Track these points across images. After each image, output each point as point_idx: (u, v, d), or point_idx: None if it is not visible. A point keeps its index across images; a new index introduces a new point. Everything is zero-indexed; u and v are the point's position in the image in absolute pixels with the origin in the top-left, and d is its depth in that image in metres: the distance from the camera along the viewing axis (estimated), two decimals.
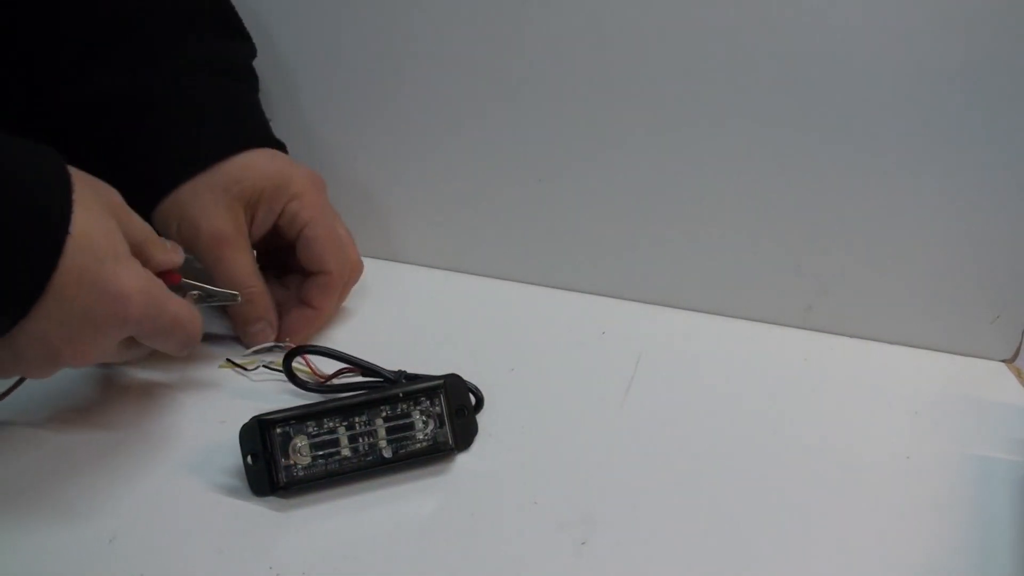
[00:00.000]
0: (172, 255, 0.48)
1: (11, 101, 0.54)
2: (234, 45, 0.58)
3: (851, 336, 0.63)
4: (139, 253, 0.45)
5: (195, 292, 0.50)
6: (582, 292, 0.66)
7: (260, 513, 0.44)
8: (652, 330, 0.62)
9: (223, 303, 0.52)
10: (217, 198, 0.52)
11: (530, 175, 0.64)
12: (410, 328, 0.60)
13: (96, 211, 0.41)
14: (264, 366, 0.53)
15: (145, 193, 0.51)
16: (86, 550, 0.41)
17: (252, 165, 0.54)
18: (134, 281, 0.42)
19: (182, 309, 0.46)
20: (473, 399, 0.50)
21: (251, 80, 0.59)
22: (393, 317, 0.61)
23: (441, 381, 0.47)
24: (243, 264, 0.53)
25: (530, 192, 0.64)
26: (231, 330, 0.56)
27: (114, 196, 0.44)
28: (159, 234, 0.49)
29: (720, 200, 0.61)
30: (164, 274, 0.48)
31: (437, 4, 0.60)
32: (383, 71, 0.63)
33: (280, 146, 0.57)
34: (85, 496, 0.44)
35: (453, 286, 0.66)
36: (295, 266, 0.56)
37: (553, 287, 0.66)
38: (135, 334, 0.43)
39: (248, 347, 0.54)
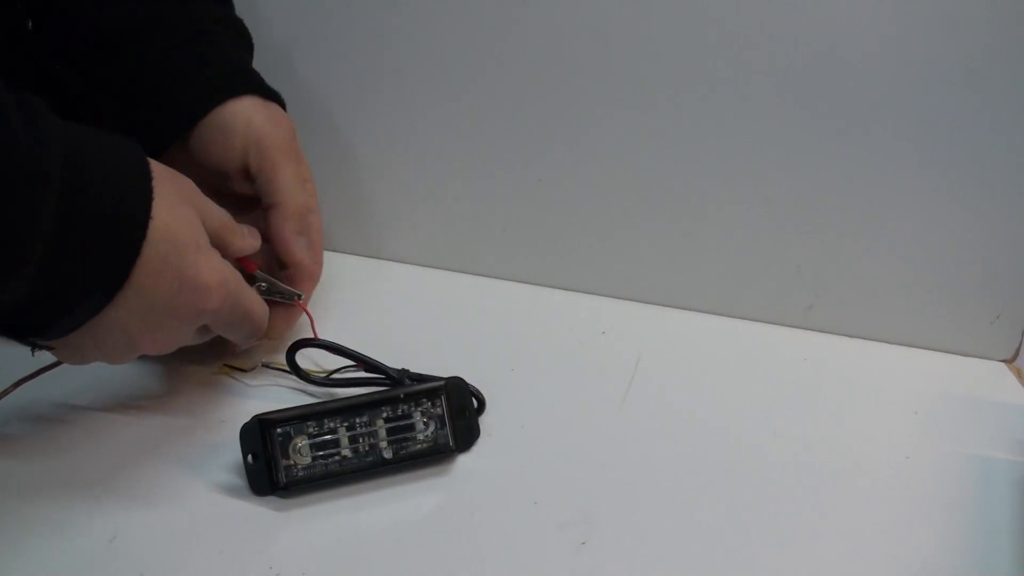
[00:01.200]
0: (250, 240, 0.49)
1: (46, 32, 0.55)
2: (243, 23, 0.59)
3: (851, 336, 0.63)
4: (217, 240, 0.45)
5: (263, 284, 0.51)
6: (582, 292, 0.66)
7: (260, 513, 0.44)
8: (652, 330, 0.62)
9: (283, 300, 0.52)
10: (283, 115, 0.54)
11: (530, 175, 0.64)
12: (410, 328, 0.60)
13: (176, 201, 0.42)
14: (263, 364, 0.53)
15: (216, 90, 0.52)
16: (86, 550, 0.41)
17: (288, 119, 0.56)
18: (215, 274, 0.43)
19: (255, 302, 0.47)
20: (475, 402, 0.50)
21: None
22: (393, 317, 0.61)
23: (443, 383, 0.47)
24: (307, 169, 0.54)
25: (530, 192, 0.64)
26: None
27: (191, 185, 0.45)
28: (216, 135, 0.51)
29: (720, 200, 0.61)
30: (242, 260, 0.49)
31: (434, 2, 0.60)
32: (382, 71, 0.63)
33: None
34: (85, 496, 0.44)
35: (453, 286, 0.66)
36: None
37: (553, 287, 0.66)
38: (209, 323, 0.45)
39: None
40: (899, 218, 0.59)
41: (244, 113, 0.52)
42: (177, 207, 0.42)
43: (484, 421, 0.50)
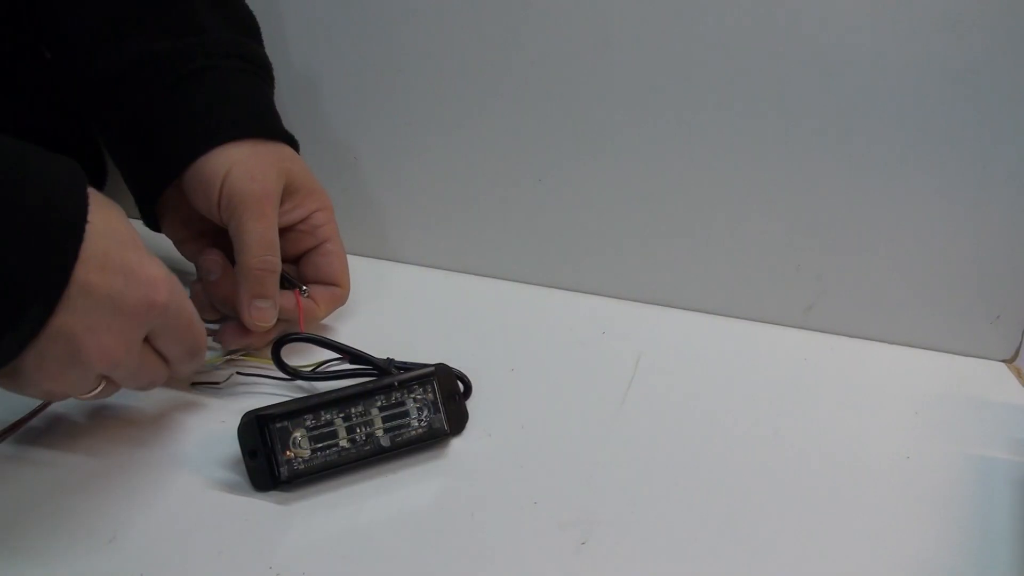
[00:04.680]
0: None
1: (48, 62, 0.55)
2: (262, 50, 0.58)
3: (851, 336, 0.63)
4: None
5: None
6: (582, 292, 0.66)
7: (259, 510, 0.44)
8: (652, 330, 0.62)
9: (290, 287, 0.54)
10: (271, 163, 0.52)
11: (529, 175, 0.64)
12: (409, 328, 0.60)
13: (112, 209, 0.41)
14: (238, 372, 0.52)
15: (199, 140, 0.51)
16: (86, 550, 0.41)
17: (297, 158, 0.55)
18: (160, 268, 0.41)
19: (197, 313, 0.45)
20: (462, 386, 0.51)
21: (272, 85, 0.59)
22: (392, 317, 0.61)
23: (433, 369, 0.48)
24: (275, 227, 0.52)
25: (530, 192, 0.64)
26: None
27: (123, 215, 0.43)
28: (198, 186, 0.51)
29: (720, 200, 0.61)
30: None
31: (434, 3, 0.60)
32: (382, 71, 0.63)
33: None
34: (85, 496, 0.44)
35: (453, 286, 0.66)
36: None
37: (553, 287, 0.66)
38: (157, 327, 0.42)
39: (250, 326, 0.52)
40: (899, 218, 0.59)
41: (224, 165, 0.51)
42: (114, 211, 0.41)
43: (485, 421, 0.50)
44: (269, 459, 0.44)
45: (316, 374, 0.52)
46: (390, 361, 0.51)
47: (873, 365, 0.60)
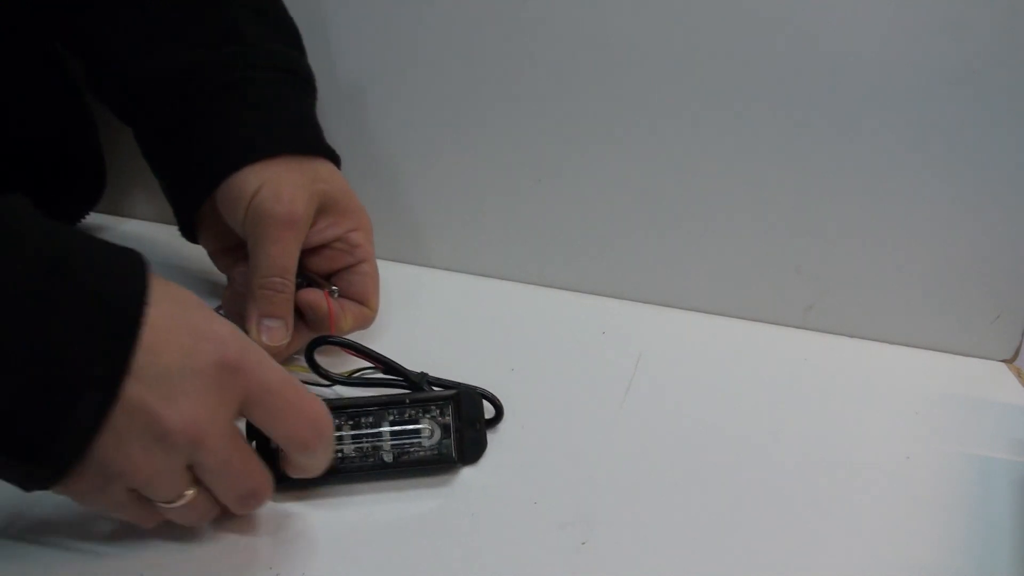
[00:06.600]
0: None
1: (90, 71, 0.55)
2: (304, 60, 0.58)
3: (851, 336, 0.63)
4: None
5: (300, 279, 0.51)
6: (582, 292, 0.66)
7: (259, 510, 0.43)
8: (652, 330, 0.62)
9: (317, 286, 0.53)
10: (304, 183, 0.51)
11: (529, 175, 0.64)
12: (409, 328, 0.60)
13: (172, 284, 0.38)
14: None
15: (235, 155, 0.50)
16: (86, 550, 0.41)
17: (335, 176, 0.54)
18: (227, 326, 0.38)
19: (295, 380, 0.40)
20: (493, 410, 0.50)
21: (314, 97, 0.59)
22: (392, 317, 0.61)
23: (455, 392, 0.46)
24: (293, 254, 0.51)
25: (530, 192, 0.64)
26: None
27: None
28: (228, 203, 0.50)
29: (720, 200, 0.61)
30: None
31: (437, 5, 0.61)
32: (382, 72, 0.63)
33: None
34: None
35: (452, 286, 0.66)
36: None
37: (553, 287, 0.66)
38: (243, 401, 0.38)
39: (259, 344, 0.50)
40: (899, 218, 0.59)
41: (255, 183, 0.50)
42: (174, 285, 0.38)
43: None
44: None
45: (349, 380, 0.51)
46: (423, 375, 0.50)
47: (873, 365, 0.60)
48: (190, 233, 0.56)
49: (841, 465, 0.50)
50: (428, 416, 0.46)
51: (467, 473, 0.47)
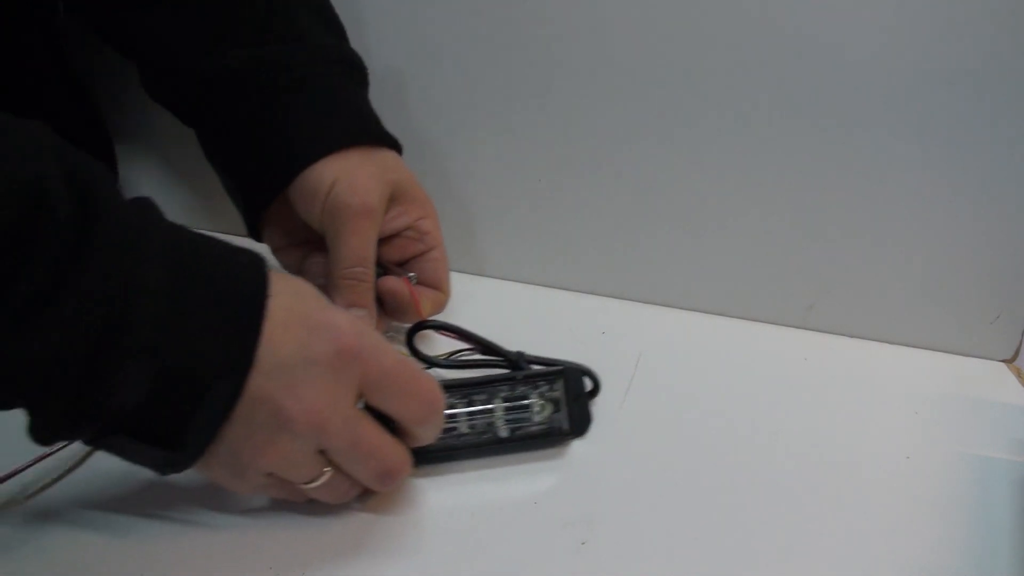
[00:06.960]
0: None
1: (152, 69, 0.55)
2: (356, 53, 0.58)
3: (851, 336, 0.63)
4: None
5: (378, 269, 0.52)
6: (582, 292, 0.66)
7: (259, 510, 0.44)
8: (652, 330, 0.62)
9: (396, 273, 0.53)
10: (376, 174, 0.52)
11: (529, 175, 0.64)
12: (402, 327, 0.60)
13: (289, 276, 0.40)
14: None
15: (308, 150, 0.51)
16: (85, 550, 0.41)
17: (401, 165, 0.55)
18: (343, 314, 0.40)
19: (413, 362, 0.43)
20: (591, 384, 0.52)
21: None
22: None
23: (562, 368, 0.49)
24: (372, 244, 0.51)
25: (530, 192, 0.64)
26: None
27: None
28: (303, 197, 0.50)
29: (720, 200, 0.61)
30: None
31: (435, 7, 0.61)
32: (383, 72, 0.63)
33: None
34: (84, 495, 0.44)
35: (452, 286, 0.66)
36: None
37: (553, 287, 0.66)
38: (364, 384, 0.40)
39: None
40: (899, 218, 0.59)
41: (330, 176, 0.50)
42: (290, 277, 0.40)
43: None
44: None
45: (450, 362, 0.52)
46: (520, 355, 0.52)
47: (873, 365, 0.60)
48: (255, 231, 0.56)
49: (841, 465, 0.50)
50: (537, 392, 0.48)
51: (466, 472, 0.47)
